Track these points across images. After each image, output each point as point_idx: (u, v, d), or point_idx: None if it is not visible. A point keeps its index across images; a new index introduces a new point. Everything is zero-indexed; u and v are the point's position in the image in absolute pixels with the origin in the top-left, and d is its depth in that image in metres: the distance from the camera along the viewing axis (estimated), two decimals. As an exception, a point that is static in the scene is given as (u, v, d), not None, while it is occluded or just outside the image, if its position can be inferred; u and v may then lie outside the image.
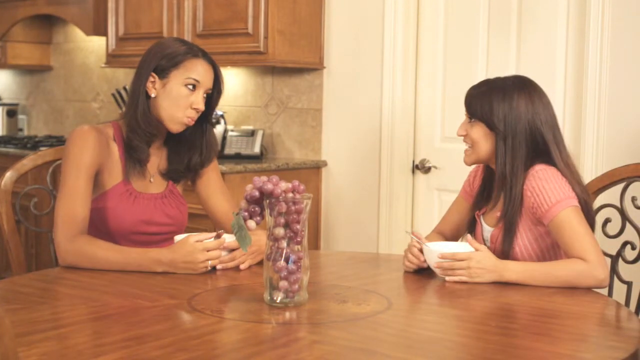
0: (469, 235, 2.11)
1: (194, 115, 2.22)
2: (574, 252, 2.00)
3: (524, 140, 2.10)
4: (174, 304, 1.78)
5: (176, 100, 2.19)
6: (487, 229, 2.21)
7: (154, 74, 2.22)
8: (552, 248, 2.13)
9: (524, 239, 2.11)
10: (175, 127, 2.22)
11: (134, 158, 2.24)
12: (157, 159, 2.31)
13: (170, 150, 2.33)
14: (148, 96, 2.22)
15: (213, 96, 2.27)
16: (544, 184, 2.05)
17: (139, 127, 2.21)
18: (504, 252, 2.12)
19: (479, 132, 2.14)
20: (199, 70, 2.22)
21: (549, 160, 2.11)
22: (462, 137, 2.20)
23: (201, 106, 2.21)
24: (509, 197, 2.10)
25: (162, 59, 2.22)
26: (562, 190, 2.05)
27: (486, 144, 2.14)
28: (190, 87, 2.20)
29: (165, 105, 2.20)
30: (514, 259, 2.12)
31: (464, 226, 2.34)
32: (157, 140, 2.29)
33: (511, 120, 2.10)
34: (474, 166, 2.36)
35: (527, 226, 2.11)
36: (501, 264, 2.00)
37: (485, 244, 2.20)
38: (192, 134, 2.30)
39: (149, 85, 2.22)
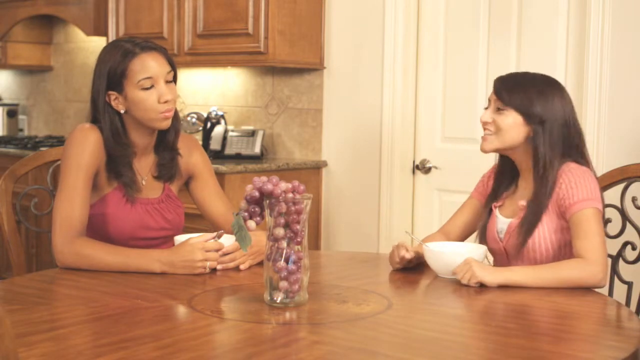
0: None
1: (170, 107, 2.17)
2: (579, 247, 2.02)
3: (561, 135, 2.14)
4: (173, 305, 1.78)
5: (143, 105, 2.16)
6: (503, 221, 2.20)
7: (112, 92, 2.18)
8: (570, 245, 2.13)
9: (545, 230, 2.11)
10: (159, 125, 2.20)
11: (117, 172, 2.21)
12: (148, 161, 2.29)
13: (158, 152, 2.32)
14: (119, 112, 2.19)
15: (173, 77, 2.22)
16: (580, 180, 2.09)
17: (113, 150, 2.19)
18: (523, 239, 2.12)
19: (511, 121, 2.15)
20: (145, 67, 2.16)
21: (579, 159, 2.15)
22: (483, 125, 2.19)
23: (169, 95, 2.16)
24: (544, 187, 2.11)
25: (107, 77, 2.17)
26: (594, 190, 2.08)
27: (517, 133, 2.15)
28: (147, 86, 2.15)
29: (137, 114, 2.17)
30: (530, 249, 2.11)
31: (473, 226, 2.32)
32: (146, 146, 2.27)
33: (551, 115, 2.13)
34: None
35: (551, 218, 2.12)
36: (503, 268, 2.01)
37: (497, 236, 2.20)
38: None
39: (114, 104, 2.18)
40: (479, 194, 2.34)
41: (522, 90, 2.15)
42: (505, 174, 2.27)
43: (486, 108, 2.20)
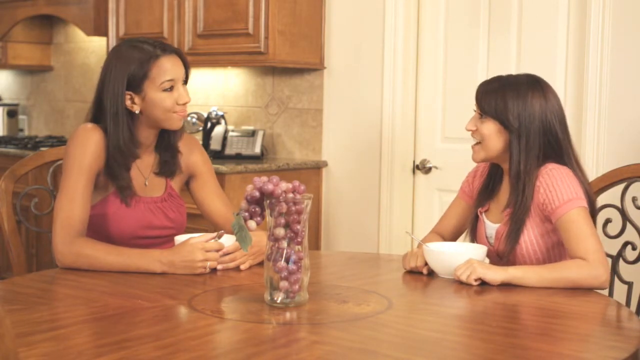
0: None
1: (185, 109, 2.22)
2: (577, 251, 2.00)
3: (538, 138, 2.11)
4: (174, 305, 1.78)
5: (162, 106, 2.18)
6: (491, 226, 2.21)
7: (128, 92, 2.18)
8: (557, 246, 2.13)
9: (530, 235, 2.11)
10: (174, 125, 2.23)
11: (115, 177, 2.20)
12: (150, 160, 2.30)
13: (159, 150, 2.32)
14: (131, 113, 2.20)
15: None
16: (557, 182, 2.06)
17: (119, 153, 2.18)
18: (510, 247, 2.12)
19: (490, 129, 2.14)
20: (168, 69, 2.18)
21: (560, 158, 2.13)
22: (470, 133, 2.20)
23: (186, 98, 2.20)
24: (520, 194, 2.10)
25: (128, 76, 2.17)
26: (574, 190, 2.06)
27: (497, 141, 2.14)
28: (168, 88, 2.18)
29: (155, 114, 2.19)
30: (519, 254, 2.12)
31: (463, 227, 2.34)
32: (149, 145, 2.28)
33: (526, 119, 2.10)
34: (473, 166, 2.36)
35: (535, 222, 2.11)
36: (506, 267, 2.00)
37: (488, 242, 2.20)
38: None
39: (129, 104, 2.19)
40: (466, 195, 2.34)
41: (499, 97, 2.12)
42: (494, 181, 2.25)
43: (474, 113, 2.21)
